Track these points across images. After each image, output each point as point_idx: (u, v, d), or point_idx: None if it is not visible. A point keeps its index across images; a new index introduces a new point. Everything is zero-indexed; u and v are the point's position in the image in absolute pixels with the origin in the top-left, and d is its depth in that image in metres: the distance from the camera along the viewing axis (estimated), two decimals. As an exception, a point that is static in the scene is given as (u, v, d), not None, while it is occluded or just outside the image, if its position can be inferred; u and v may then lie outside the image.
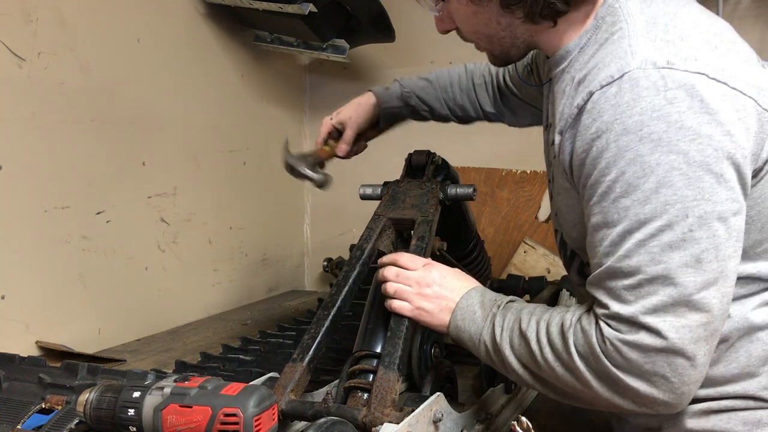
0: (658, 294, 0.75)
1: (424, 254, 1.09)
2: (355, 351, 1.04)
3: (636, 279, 0.76)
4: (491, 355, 0.92)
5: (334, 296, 1.08)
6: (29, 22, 1.51)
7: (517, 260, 2.30)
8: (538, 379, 0.88)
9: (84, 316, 1.65)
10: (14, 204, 1.49)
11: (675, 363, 0.75)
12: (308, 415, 0.91)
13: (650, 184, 0.75)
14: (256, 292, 2.33)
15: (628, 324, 0.77)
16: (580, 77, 0.84)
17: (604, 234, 0.79)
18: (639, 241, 0.76)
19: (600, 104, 0.79)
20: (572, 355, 0.81)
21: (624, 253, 0.77)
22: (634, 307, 0.76)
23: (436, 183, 1.24)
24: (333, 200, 2.62)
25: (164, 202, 1.90)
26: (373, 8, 2.04)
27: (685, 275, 0.74)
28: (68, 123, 1.60)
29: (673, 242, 0.75)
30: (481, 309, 0.94)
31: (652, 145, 0.75)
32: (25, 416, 1.00)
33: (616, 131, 0.77)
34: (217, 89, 2.12)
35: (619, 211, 0.77)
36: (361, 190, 1.31)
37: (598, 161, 0.78)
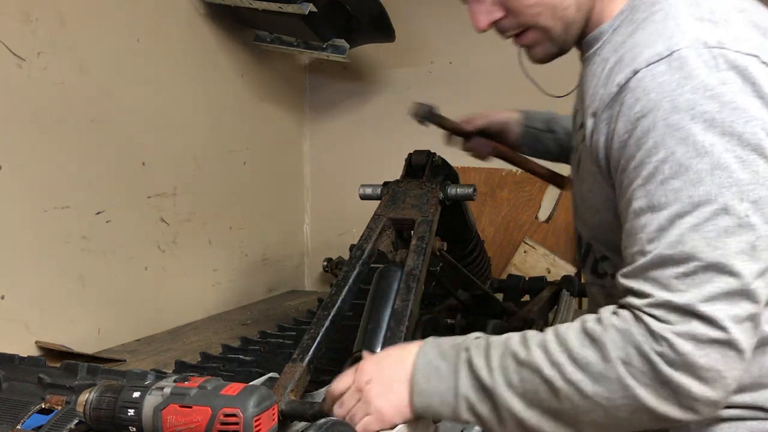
0: (714, 282, 0.70)
1: (424, 254, 1.09)
2: (354, 351, 1.03)
3: (690, 266, 0.70)
4: (476, 408, 0.77)
5: (334, 296, 1.08)
6: (29, 22, 1.51)
7: (517, 260, 2.30)
8: (554, 415, 0.75)
9: (84, 316, 1.65)
10: (14, 204, 1.49)
11: (728, 356, 0.70)
12: (308, 416, 0.91)
13: (704, 164, 0.71)
14: (256, 292, 2.33)
15: (680, 313, 0.70)
16: (616, 58, 0.81)
17: (649, 219, 0.73)
18: (693, 226, 0.71)
19: (646, 82, 0.75)
20: (611, 363, 0.71)
21: (675, 239, 0.71)
22: (688, 296, 0.70)
23: (436, 183, 1.24)
24: (333, 200, 2.63)
25: (164, 202, 1.90)
26: (373, 8, 2.04)
27: (742, 263, 0.70)
28: (68, 123, 1.60)
29: (729, 227, 0.70)
30: (443, 361, 0.80)
31: (705, 125, 0.71)
32: (25, 416, 0.99)
33: (665, 109, 0.73)
34: (217, 89, 2.12)
35: (668, 194, 0.72)
36: (361, 190, 1.31)
37: (644, 141, 0.74)
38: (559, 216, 2.33)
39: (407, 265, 1.08)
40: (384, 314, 1.03)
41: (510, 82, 2.38)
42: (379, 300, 1.06)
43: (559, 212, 2.33)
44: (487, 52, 2.41)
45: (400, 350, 0.85)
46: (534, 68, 1.16)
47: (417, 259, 1.09)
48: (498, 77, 2.40)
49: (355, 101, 2.61)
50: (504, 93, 2.39)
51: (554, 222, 2.33)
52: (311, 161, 2.66)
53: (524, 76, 2.47)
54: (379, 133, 2.56)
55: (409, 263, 1.08)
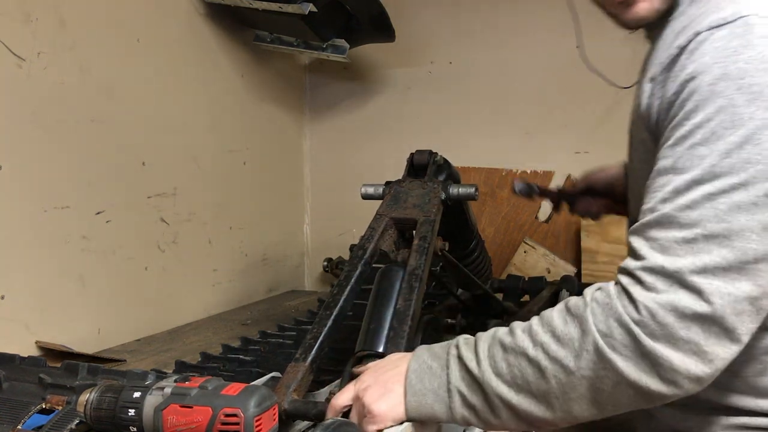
0: (712, 253, 0.68)
1: (426, 254, 1.09)
2: (357, 351, 1.03)
3: (692, 232, 0.69)
4: (469, 400, 0.77)
5: (336, 296, 1.08)
6: (29, 22, 1.51)
7: (517, 260, 2.30)
8: (543, 397, 0.74)
9: (84, 316, 1.65)
10: (14, 204, 1.49)
11: (711, 332, 0.68)
12: (311, 415, 0.91)
13: (736, 137, 0.69)
14: (256, 292, 2.33)
15: (668, 281, 0.69)
16: (685, 24, 0.79)
17: (669, 179, 0.73)
18: (707, 194, 0.69)
19: (704, 46, 0.73)
20: (592, 335, 0.71)
21: (686, 203, 0.70)
22: (682, 262, 0.69)
23: (438, 183, 1.24)
24: (333, 200, 2.63)
25: (164, 202, 1.90)
26: (373, 8, 2.04)
27: (746, 240, 0.68)
28: (68, 123, 1.60)
29: (743, 203, 0.68)
30: (435, 360, 0.81)
31: (750, 97, 0.69)
32: (26, 416, 1.00)
33: (714, 75, 0.71)
34: (217, 89, 2.12)
35: (693, 159, 0.71)
36: (363, 189, 1.30)
37: (686, 103, 0.73)
38: (559, 216, 2.33)
39: (410, 264, 1.08)
40: (386, 314, 1.03)
41: (510, 82, 2.40)
42: (381, 300, 1.06)
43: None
44: (487, 52, 2.41)
45: (398, 357, 0.86)
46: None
47: (419, 259, 1.09)
48: (498, 77, 2.41)
49: (355, 101, 2.61)
50: (504, 93, 2.40)
51: (554, 222, 2.33)
52: (311, 161, 2.66)
53: (524, 76, 2.47)
54: (379, 133, 2.56)
55: (412, 263, 1.08)
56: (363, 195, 1.30)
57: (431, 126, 2.50)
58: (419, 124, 2.51)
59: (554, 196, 1.41)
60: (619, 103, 2.24)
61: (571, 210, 1.40)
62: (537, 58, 2.33)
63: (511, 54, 2.37)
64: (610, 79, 1.30)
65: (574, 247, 2.28)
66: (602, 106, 2.26)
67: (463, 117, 2.44)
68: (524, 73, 2.36)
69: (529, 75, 2.35)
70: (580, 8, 2.20)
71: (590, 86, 2.28)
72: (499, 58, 2.40)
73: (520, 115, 2.37)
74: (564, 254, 2.29)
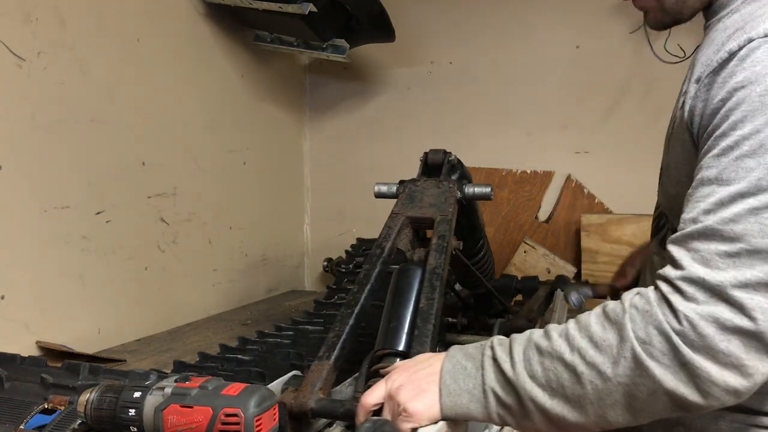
0: (755, 268, 0.67)
1: (445, 253, 1.09)
2: (376, 349, 1.03)
3: (736, 247, 0.68)
4: (504, 401, 0.77)
5: (357, 294, 1.07)
6: (29, 22, 1.51)
7: (517, 260, 2.30)
8: (578, 402, 0.73)
9: (84, 316, 1.65)
10: (14, 204, 1.49)
11: (751, 347, 0.67)
12: (339, 413, 0.90)
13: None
14: (256, 292, 2.33)
15: (708, 293, 0.68)
16: (738, 26, 0.77)
17: (713, 190, 0.71)
18: (752, 208, 0.68)
19: (757, 53, 0.72)
20: (630, 342, 0.70)
21: (730, 216, 0.69)
22: (723, 276, 0.68)
23: (453, 182, 1.24)
24: (333, 200, 2.63)
25: (164, 202, 1.90)
26: (373, 8, 2.04)
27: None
28: (68, 123, 1.60)
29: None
30: (469, 361, 0.80)
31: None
32: (28, 416, 1.00)
33: (766, 85, 0.69)
34: (217, 89, 2.12)
35: (739, 171, 0.70)
36: (376, 188, 1.29)
37: (733, 112, 0.71)
38: (559, 216, 2.33)
39: (429, 264, 1.07)
40: (405, 312, 1.03)
41: (510, 82, 2.39)
42: (400, 298, 1.05)
43: (559, 212, 2.33)
44: (488, 52, 2.41)
45: (429, 356, 0.85)
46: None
47: (439, 258, 1.08)
48: (498, 77, 2.41)
49: (355, 101, 2.61)
50: (504, 93, 2.40)
51: (554, 222, 2.33)
52: (311, 161, 2.66)
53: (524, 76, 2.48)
54: (379, 133, 2.56)
55: (432, 262, 1.08)
56: (376, 193, 1.29)
57: (431, 126, 2.50)
58: (419, 124, 2.51)
59: (612, 291, 1.41)
60: (619, 103, 2.25)
61: None
62: (537, 58, 2.33)
63: (511, 54, 2.37)
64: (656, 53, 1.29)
65: (574, 247, 2.28)
66: (602, 106, 2.26)
67: (463, 117, 2.44)
68: (524, 73, 2.36)
69: (529, 75, 2.35)
70: (581, 8, 2.20)
71: (590, 86, 2.28)
72: (499, 58, 2.40)
73: (520, 115, 2.37)
74: (564, 254, 2.29)
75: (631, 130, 2.20)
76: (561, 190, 2.33)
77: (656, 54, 1.36)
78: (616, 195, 2.25)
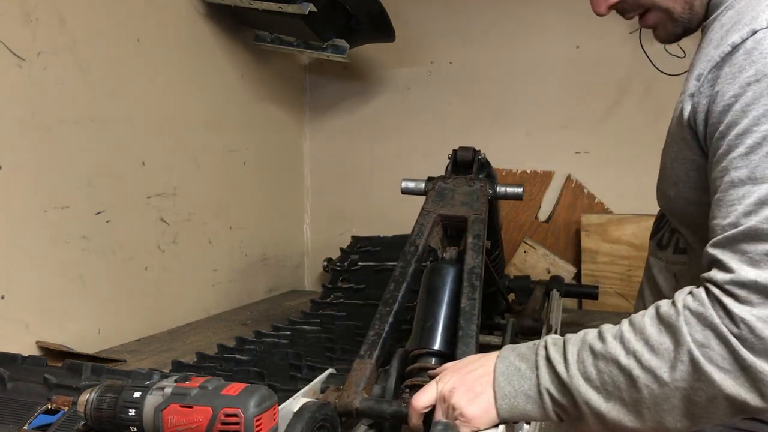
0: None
1: (482, 252, 1.09)
2: (411, 348, 1.01)
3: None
4: (559, 401, 0.75)
5: (394, 292, 1.06)
6: (29, 22, 1.50)
7: (517, 260, 2.30)
8: (634, 407, 0.72)
9: (84, 316, 1.65)
10: (14, 204, 1.49)
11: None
12: (387, 414, 0.88)
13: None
14: (256, 292, 2.33)
15: (763, 295, 0.65)
16: (735, 19, 0.76)
17: (749, 191, 0.68)
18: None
19: (764, 45, 0.69)
20: (687, 346, 0.67)
21: (763, 218, 0.67)
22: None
23: (484, 181, 1.23)
24: (333, 200, 2.63)
25: (164, 202, 1.90)
26: (373, 8, 2.04)
27: None
28: (68, 123, 1.60)
29: None
30: (523, 362, 0.79)
31: None
32: (32, 417, 0.99)
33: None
34: (217, 89, 2.12)
35: (755, 167, 0.67)
36: (403, 184, 1.27)
37: (752, 108, 0.69)
38: (559, 216, 2.33)
39: (467, 263, 1.07)
40: (440, 311, 1.02)
41: (510, 82, 2.39)
42: (433, 297, 1.04)
43: (559, 212, 2.33)
44: (487, 52, 2.41)
45: (479, 357, 0.83)
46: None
47: (476, 258, 1.07)
48: (498, 77, 2.41)
49: (355, 101, 2.61)
50: (504, 93, 2.40)
51: (554, 222, 2.33)
52: (311, 161, 2.66)
53: (524, 76, 2.48)
54: (379, 133, 2.56)
55: (469, 262, 1.07)
56: (403, 190, 1.27)
57: (431, 126, 2.50)
58: (419, 124, 2.51)
59: None
60: (619, 103, 2.25)
61: None
62: (537, 58, 2.33)
63: (511, 54, 2.37)
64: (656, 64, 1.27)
65: (574, 247, 2.28)
66: (602, 106, 2.26)
67: (463, 117, 2.44)
68: (524, 73, 2.36)
69: (530, 75, 2.35)
70: (581, 8, 2.20)
71: (590, 86, 2.28)
72: (499, 58, 2.40)
73: (520, 115, 2.37)
74: (564, 254, 2.29)
75: (631, 130, 2.20)
76: (561, 190, 2.33)
77: (654, 64, 1.35)
78: (616, 195, 2.25)
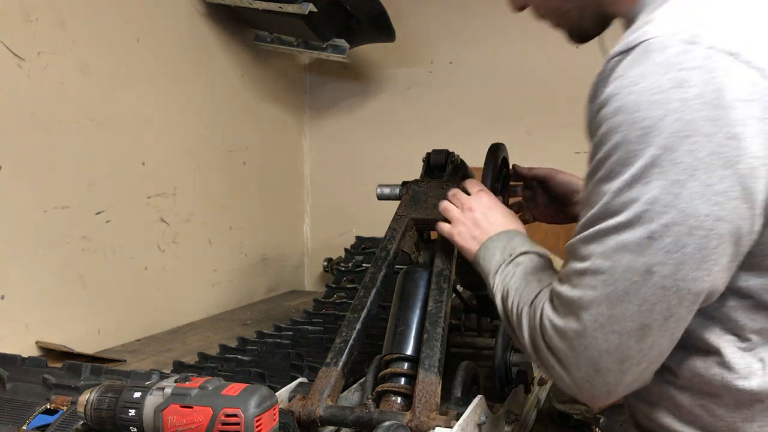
0: (596, 290, 0.70)
1: (452, 255, 1.09)
2: (384, 354, 1.02)
3: (584, 266, 0.71)
4: (493, 295, 0.95)
5: (363, 299, 1.07)
6: (29, 22, 1.50)
7: (517, 260, 2.29)
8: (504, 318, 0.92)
9: (84, 316, 1.65)
10: (14, 204, 1.49)
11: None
12: (349, 421, 0.90)
13: (627, 175, 0.66)
14: (256, 292, 2.33)
15: (564, 308, 0.74)
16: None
17: (583, 212, 0.74)
18: (599, 230, 0.69)
19: (613, 73, 0.70)
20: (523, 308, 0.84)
21: (584, 237, 0.71)
22: (574, 293, 0.72)
23: (457, 183, 1.23)
24: (333, 200, 2.63)
25: (164, 202, 1.90)
26: (373, 8, 2.04)
27: (626, 281, 0.68)
28: (68, 123, 1.60)
29: (628, 244, 0.67)
30: (500, 253, 0.97)
31: (642, 133, 0.65)
32: (31, 417, 0.99)
33: (613, 107, 0.67)
34: (217, 89, 2.12)
35: (596, 195, 0.70)
36: (379, 190, 1.27)
37: (596, 134, 0.70)
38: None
39: (436, 266, 1.07)
40: (413, 316, 1.03)
41: (510, 82, 2.39)
42: (406, 302, 1.05)
43: (559, 212, 2.33)
44: (487, 52, 2.41)
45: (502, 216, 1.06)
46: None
47: (445, 260, 1.08)
48: (498, 77, 2.41)
49: (355, 101, 2.61)
50: (504, 93, 2.40)
51: (554, 222, 2.33)
52: (311, 161, 2.66)
53: (524, 76, 2.47)
54: (379, 133, 2.56)
55: (438, 264, 1.07)
56: (379, 195, 1.27)
57: (431, 126, 2.50)
58: (419, 124, 2.51)
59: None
60: (619, 103, 2.24)
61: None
62: (537, 58, 2.33)
63: (511, 54, 2.37)
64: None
65: (574, 247, 2.28)
66: (602, 106, 2.26)
67: (462, 117, 2.44)
68: (524, 73, 2.36)
69: (529, 75, 2.35)
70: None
71: (590, 86, 2.27)
72: (499, 58, 2.40)
73: (520, 115, 2.37)
74: (564, 254, 2.28)
75: (631, 130, 2.20)
76: (561, 190, 2.33)
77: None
78: (616, 195, 2.25)
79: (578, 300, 0.72)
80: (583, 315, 0.71)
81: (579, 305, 0.71)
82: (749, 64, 0.63)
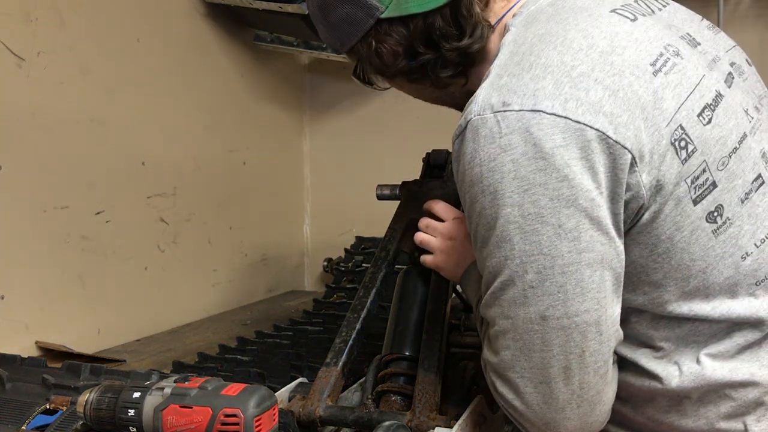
0: (510, 349, 0.75)
1: None
2: (383, 354, 1.02)
3: (493, 330, 0.77)
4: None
5: (363, 299, 1.07)
6: (29, 22, 1.50)
7: (517, 260, 2.29)
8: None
9: (83, 316, 1.65)
10: (14, 204, 1.49)
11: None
12: (349, 421, 0.90)
13: (494, 238, 0.73)
14: (256, 292, 2.33)
15: (492, 372, 0.79)
16: None
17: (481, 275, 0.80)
18: (492, 294, 0.76)
19: (457, 154, 0.76)
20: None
21: (485, 304, 0.78)
22: (496, 358, 0.77)
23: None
24: (333, 200, 2.63)
25: (164, 202, 1.90)
26: (373, 8, 2.04)
27: (530, 333, 0.73)
28: (68, 123, 1.60)
29: (516, 298, 0.73)
30: (475, 283, 0.94)
31: (491, 198, 0.72)
32: (30, 417, 1.00)
33: (466, 183, 0.75)
34: (217, 89, 2.12)
35: (480, 261, 0.78)
36: (378, 190, 1.27)
37: (465, 208, 0.78)
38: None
39: None
40: (412, 316, 1.03)
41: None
42: (405, 302, 1.05)
43: (559, 212, 2.33)
44: (487, 52, 2.41)
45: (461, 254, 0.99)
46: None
47: None
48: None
49: (355, 101, 2.61)
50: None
51: (554, 222, 2.33)
52: (311, 161, 2.66)
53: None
54: (379, 133, 2.56)
55: None
56: (378, 196, 1.27)
57: (431, 125, 2.49)
58: (419, 124, 2.51)
59: None
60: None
61: None
62: (537, 58, 2.33)
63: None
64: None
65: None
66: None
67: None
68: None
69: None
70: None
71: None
72: (499, 58, 2.40)
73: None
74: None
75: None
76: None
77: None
78: (616, 195, 2.25)
79: (501, 363, 0.76)
80: (510, 375, 0.76)
81: (504, 367, 0.76)
82: (556, 114, 0.70)
